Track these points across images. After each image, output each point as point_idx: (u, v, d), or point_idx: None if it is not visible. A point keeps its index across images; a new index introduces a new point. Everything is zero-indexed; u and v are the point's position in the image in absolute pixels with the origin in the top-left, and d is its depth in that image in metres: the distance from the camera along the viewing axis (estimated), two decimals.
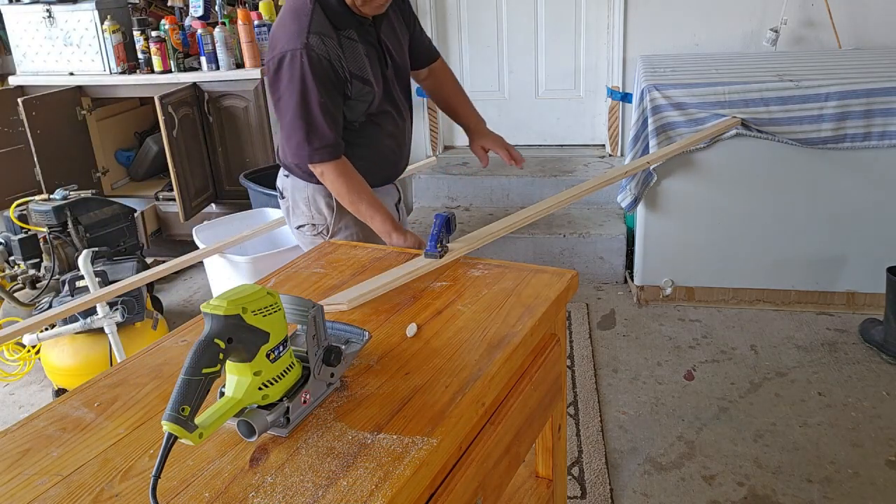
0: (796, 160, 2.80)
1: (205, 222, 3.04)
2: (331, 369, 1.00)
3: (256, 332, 0.90)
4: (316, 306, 0.98)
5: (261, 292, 0.91)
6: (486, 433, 1.08)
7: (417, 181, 3.83)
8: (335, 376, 1.02)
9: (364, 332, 1.10)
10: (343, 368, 1.04)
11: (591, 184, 2.22)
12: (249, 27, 3.39)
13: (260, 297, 0.91)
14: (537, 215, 1.90)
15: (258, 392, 0.91)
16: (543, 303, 1.26)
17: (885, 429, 2.24)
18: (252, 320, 0.89)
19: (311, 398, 0.98)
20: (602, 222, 3.46)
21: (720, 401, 2.43)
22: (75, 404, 1.05)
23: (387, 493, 0.82)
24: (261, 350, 0.91)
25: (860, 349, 2.68)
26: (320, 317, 0.98)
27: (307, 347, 0.97)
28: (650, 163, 2.73)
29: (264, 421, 0.91)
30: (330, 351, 0.99)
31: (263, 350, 0.91)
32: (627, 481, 2.09)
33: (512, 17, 3.80)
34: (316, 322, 0.97)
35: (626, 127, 3.72)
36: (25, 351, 2.69)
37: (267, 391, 0.92)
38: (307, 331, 0.97)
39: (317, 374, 0.98)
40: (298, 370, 0.97)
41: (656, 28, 3.54)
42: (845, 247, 2.89)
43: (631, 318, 3.03)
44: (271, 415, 0.92)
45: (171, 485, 0.86)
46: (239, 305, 0.88)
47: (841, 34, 3.31)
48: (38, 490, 0.87)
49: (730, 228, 2.96)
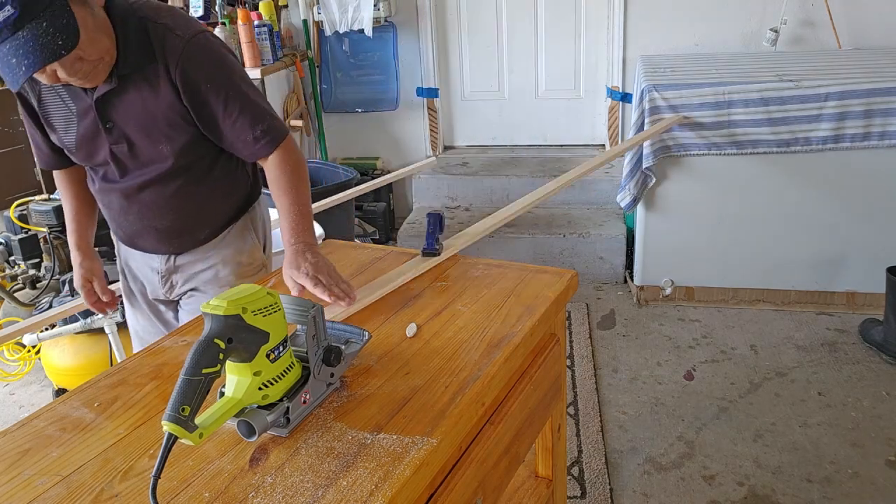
0: (796, 160, 2.80)
1: None
2: (331, 369, 1.00)
3: (256, 332, 0.90)
4: (316, 306, 0.98)
5: (261, 292, 0.91)
6: (486, 433, 1.08)
7: (417, 181, 3.83)
8: (335, 376, 1.02)
9: (364, 332, 1.10)
10: (343, 368, 1.04)
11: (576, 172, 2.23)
12: (249, 27, 3.39)
13: (260, 297, 0.91)
14: (531, 205, 1.89)
15: (258, 392, 0.92)
16: (543, 303, 1.26)
17: (885, 429, 2.24)
18: (252, 320, 0.89)
19: (310, 398, 0.98)
20: (602, 222, 3.46)
21: (720, 401, 2.43)
22: (75, 404, 1.05)
23: (387, 493, 0.82)
24: (261, 350, 0.91)
25: (860, 349, 2.68)
26: (320, 317, 0.98)
27: (307, 347, 0.96)
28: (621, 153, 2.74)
29: (264, 421, 0.91)
30: (330, 351, 0.98)
31: (263, 350, 0.91)
32: (627, 481, 2.09)
33: (512, 17, 3.80)
34: (316, 322, 0.97)
35: (625, 127, 3.72)
36: (25, 351, 2.69)
37: (267, 391, 0.92)
38: (307, 331, 0.96)
39: (317, 375, 0.98)
40: (298, 370, 0.97)
41: (656, 28, 3.54)
42: (845, 247, 2.89)
43: (631, 318, 3.03)
44: (271, 415, 0.92)
45: (171, 485, 0.86)
46: (239, 306, 0.88)
47: (840, 34, 3.31)
48: (38, 490, 0.87)
49: (730, 228, 2.96)
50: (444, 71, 3.97)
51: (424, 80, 3.92)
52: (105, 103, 1.36)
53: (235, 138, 1.40)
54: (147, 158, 1.42)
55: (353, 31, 3.70)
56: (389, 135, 4.09)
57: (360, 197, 3.11)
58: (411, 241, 3.51)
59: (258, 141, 1.39)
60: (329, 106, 4.03)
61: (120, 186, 1.47)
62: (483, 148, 4.09)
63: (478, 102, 4.02)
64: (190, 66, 1.32)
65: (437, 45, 3.88)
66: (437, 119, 4.00)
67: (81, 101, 1.37)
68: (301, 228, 1.38)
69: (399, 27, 3.84)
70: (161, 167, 1.43)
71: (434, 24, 3.83)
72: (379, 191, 3.68)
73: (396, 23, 3.82)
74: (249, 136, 1.39)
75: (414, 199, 3.90)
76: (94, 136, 1.40)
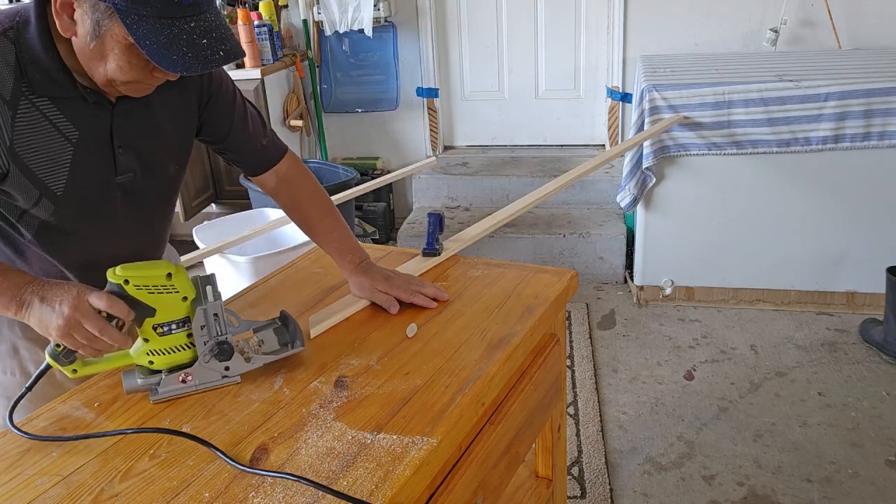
0: (795, 160, 2.80)
1: (205, 222, 3.04)
2: (224, 363, 1.05)
3: (139, 305, 0.98)
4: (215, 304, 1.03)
5: (160, 272, 0.99)
6: (486, 433, 1.08)
7: (417, 181, 3.83)
8: (231, 370, 1.06)
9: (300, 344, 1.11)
10: (244, 367, 1.07)
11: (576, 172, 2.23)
12: (249, 27, 3.39)
13: (153, 275, 0.98)
14: (531, 205, 1.89)
15: (145, 356, 1.03)
16: (543, 303, 1.26)
17: (885, 429, 2.24)
18: (135, 293, 0.98)
19: (193, 380, 1.05)
20: (602, 222, 3.46)
21: (720, 401, 2.43)
22: (75, 404, 1.05)
23: (387, 493, 0.82)
24: (146, 322, 1.00)
25: (860, 349, 2.68)
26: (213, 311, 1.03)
27: (195, 336, 1.03)
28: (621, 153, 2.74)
29: (134, 381, 1.04)
30: (220, 345, 1.04)
31: (149, 322, 1.00)
32: (627, 481, 2.09)
33: (512, 17, 3.80)
34: (206, 314, 1.03)
35: (625, 127, 3.72)
36: None
37: (153, 358, 1.03)
38: (195, 321, 1.02)
39: (204, 362, 1.05)
40: (191, 353, 1.05)
41: (656, 28, 3.54)
42: (845, 247, 2.89)
43: (631, 318, 3.03)
44: (143, 378, 1.04)
45: (171, 485, 0.86)
46: (122, 277, 0.97)
47: (840, 34, 3.31)
48: (38, 490, 0.87)
49: (730, 228, 2.96)
50: (444, 71, 3.97)
51: (424, 79, 3.92)
52: (124, 116, 1.09)
53: (243, 146, 1.28)
54: (150, 184, 1.19)
55: (353, 31, 3.69)
56: (389, 135, 4.09)
57: (360, 197, 3.10)
58: (411, 241, 3.51)
59: (266, 149, 1.30)
60: (329, 106, 4.03)
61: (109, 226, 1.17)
62: (483, 148, 4.09)
63: (478, 102, 4.02)
64: (208, 74, 1.20)
65: (437, 45, 3.88)
66: (437, 119, 4.00)
67: (88, 121, 1.05)
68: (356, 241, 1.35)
69: (399, 27, 3.84)
70: (161, 191, 1.24)
71: (434, 23, 3.83)
72: (379, 191, 3.68)
73: (396, 23, 3.82)
74: (261, 142, 1.29)
75: (414, 199, 3.90)
76: (97, 169, 1.09)
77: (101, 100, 1.05)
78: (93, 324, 0.95)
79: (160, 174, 1.20)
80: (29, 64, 0.98)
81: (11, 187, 1.03)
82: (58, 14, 0.94)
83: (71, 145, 1.05)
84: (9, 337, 1.24)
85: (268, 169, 1.32)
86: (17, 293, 0.99)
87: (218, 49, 0.94)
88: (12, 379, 1.25)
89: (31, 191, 1.04)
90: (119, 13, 0.89)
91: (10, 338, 1.24)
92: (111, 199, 1.14)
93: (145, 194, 1.19)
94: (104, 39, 0.94)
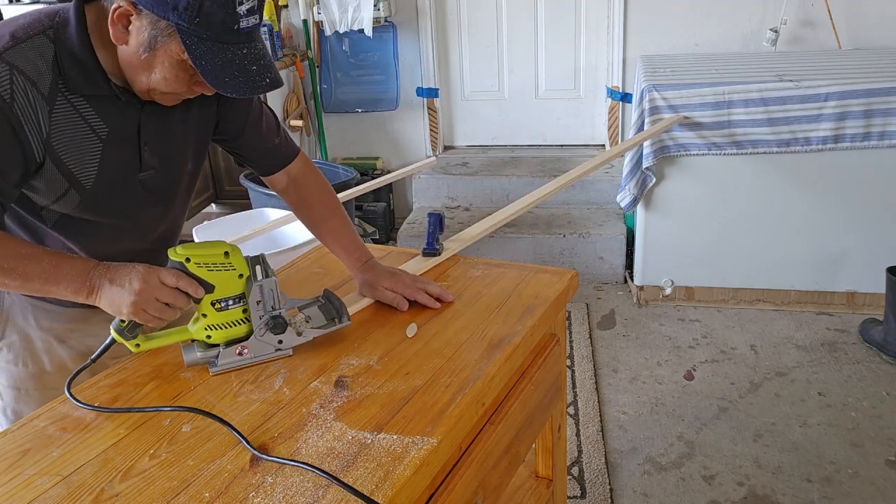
0: (795, 160, 2.80)
1: (205, 222, 3.04)
2: (278, 336, 1.11)
3: (200, 282, 1.04)
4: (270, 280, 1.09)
5: (218, 250, 1.04)
6: (486, 433, 1.08)
7: (417, 181, 3.83)
8: (284, 343, 1.12)
9: (347, 319, 1.17)
10: (296, 340, 1.13)
11: (576, 172, 2.23)
12: None
13: (212, 253, 1.04)
14: (531, 205, 1.89)
15: (204, 331, 1.08)
16: (543, 303, 1.26)
17: (885, 429, 2.24)
18: (195, 270, 1.03)
19: (249, 354, 1.10)
20: (602, 222, 3.46)
21: (720, 401, 2.43)
22: (76, 404, 1.05)
23: (387, 493, 0.82)
24: (205, 298, 1.05)
25: (860, 349, 2.68)
26: (269, 287, 1.09)
27: (251, 311, 1.09)
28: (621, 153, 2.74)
29: (194, 354, 1.09)
30: (274, 318, 1.09)
31: (208, 298, 1.05)
32: (627, 481, 2.09)
33: (512, 17, 3.80)
34: (262, 290, 1.08)
35: (625, 127, 3.72)
36: None
37: (211, 333, 1.08)
38: (251, 296, 1.08)
39: (259, 336, 1.10)
40: (247, 328, 1.10)
41: (656, 28, 3.54)
42: (845, 247, 2.89)
43: (631, 318, 3.03)
44: (202, 352, 1.09)
45: (171, 485, 0.86)
46: (184, 255, 1.03)
47: (840, 34, 3.31)
48: (38, 490, 0.87)
49: (730, 228, 2.96)
50: (444, 71, 3.97)
51: (424, 79, 3.92)
52: (151, 115, 1.13)
53: (257, 145, 1.29)
54: (169, 181, 1.22)
55: (353, 31, 3.69)
56: (389, 135, 4.09)
57: (360, 197, 3.10)
58: (411, 241, 3.50)
59: (279, 149, 1.31)
60: (329, 106, 4.03)
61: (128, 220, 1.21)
62: (483, 148, 4.09)
63: (478, 102, 4.02)
64: None
65: (437, 45, 3.88)
66: (437, 119, 4.00)
67: (118, 119, 1.09)
68: (360, 240, 1.37)
69: (399, 27, 3.84)
70: (178, 188, 1.26)
71: (434, 23, 3.83)
72: (379, 191, 3.68)
73: (396, 23, 3.82)
74: (274, 141, 1.30)
75: (414, 199, 3.90)
76: (124, 165, 1.13)
77: (132, 99, 1.09)
78: (166, 295, 1.02)
79: (178, 171, 1.24)
80: (67, 62, 1.02)
81: (40, 180, 1.07)
82: (113, 23, 0.98)
83: (100, 141, 1.09)
84: (22, 327, 1.26)
85: (280, 169, 1.33)
86: (85, 279, 1.02)
87: (265, 76, 1.01)
88: (24, 370, 1.27)
89: (60, 183, 1.08)
90: (180, 33, 0.95)
91: (24, 328, 1.26)
92: (133, 194, 1.18)
93: (164, 191, 1.23)
94: (157, 52, 0.99)
